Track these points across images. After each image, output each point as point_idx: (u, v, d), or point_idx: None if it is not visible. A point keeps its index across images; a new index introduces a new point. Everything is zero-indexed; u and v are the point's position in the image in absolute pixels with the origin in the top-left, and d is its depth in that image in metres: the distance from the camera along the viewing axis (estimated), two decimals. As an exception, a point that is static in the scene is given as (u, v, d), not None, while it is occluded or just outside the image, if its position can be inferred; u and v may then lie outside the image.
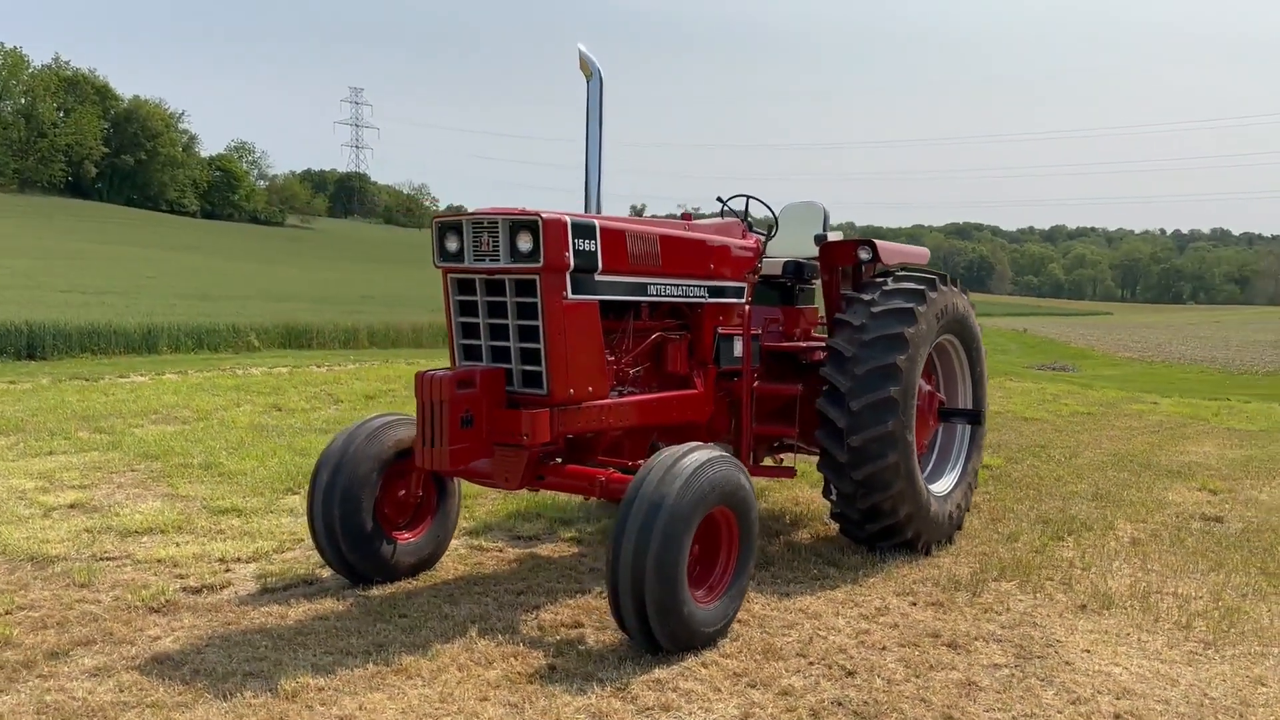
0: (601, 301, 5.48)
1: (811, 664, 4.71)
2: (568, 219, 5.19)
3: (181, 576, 5.88)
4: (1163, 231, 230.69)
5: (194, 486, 8.31)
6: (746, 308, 6.56)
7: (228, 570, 6.05)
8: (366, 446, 5.67)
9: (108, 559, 6.25)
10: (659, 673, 4.52)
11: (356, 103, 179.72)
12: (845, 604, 5.64)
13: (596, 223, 5.41)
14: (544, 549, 6.69)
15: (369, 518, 5.63)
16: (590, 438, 5.72)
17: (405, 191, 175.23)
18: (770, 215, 7.25)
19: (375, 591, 5.67)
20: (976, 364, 7.52)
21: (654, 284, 5.84)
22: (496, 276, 5.25)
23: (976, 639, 5.12)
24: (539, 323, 5.17)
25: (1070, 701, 4.37)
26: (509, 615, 5.29)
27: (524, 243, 5.07)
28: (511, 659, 4.65)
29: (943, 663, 4.79)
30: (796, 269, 7.21)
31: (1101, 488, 9.40)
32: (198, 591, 5.64)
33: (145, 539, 6.73)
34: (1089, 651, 5.01)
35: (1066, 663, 4.83)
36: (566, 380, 5.25)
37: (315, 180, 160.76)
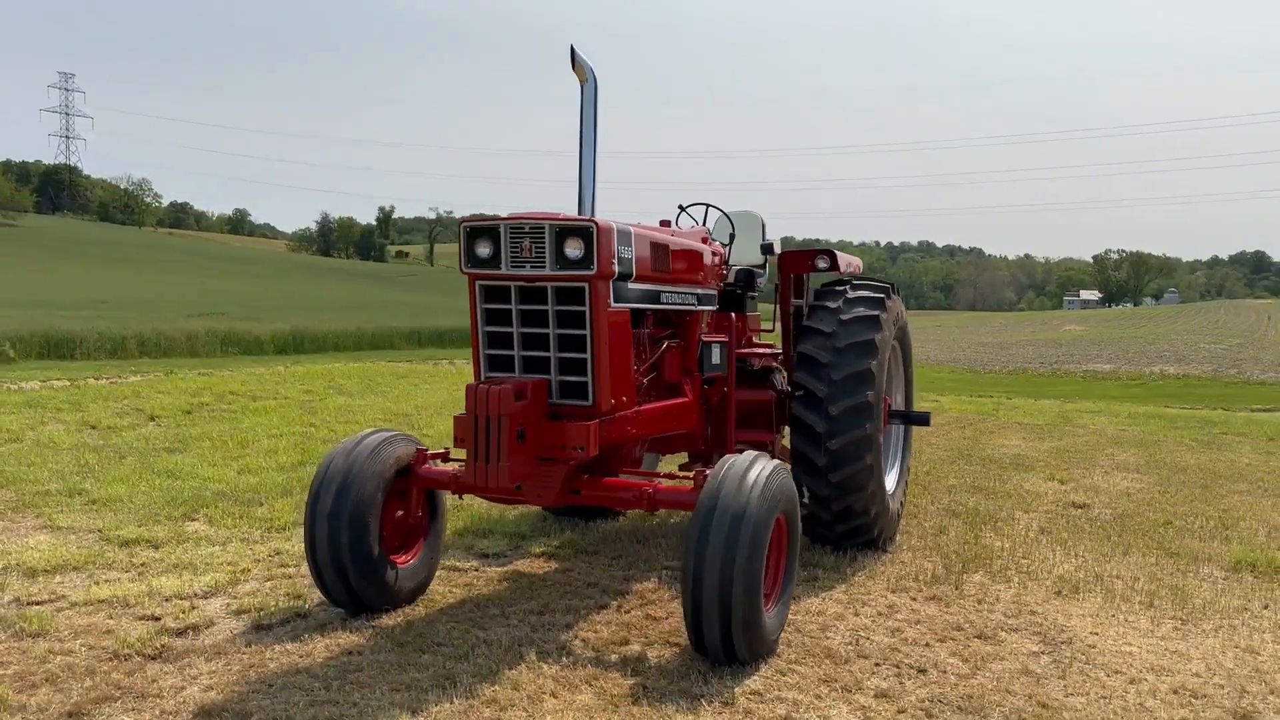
0: (631, 310, 5.39)
1: (878, 665, 4.83)
2: (614, 225, 5.07)
3: (153, 618, 5.25)
4: (877, 244, 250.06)
5: (72, 516, 7.41)
6: (733, 315, 6.62)
7: (193, 608, 5.45)
8: (370, 465, 5.28)
9: (36, 603, 5.49)
10: (751, 684, 4.50)
11: (66, 89, 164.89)
12: (855, 603, 5.81)
13: (632, 230, 5.31)
14: (522, 565, 6.46)
15: (376, 542, 5.25)
16: (615, 449, 5.59)
17: (123, 186, 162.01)
18: (729, 224, 7.34)
19: (386, 621, 5.28)
20: (909, 368, 7.93)
21: (665, 292, 5.79)
22: (537, 284, 5.04)
23: (998, 629, 5.41)
24: (586, 332, 5.01)
25: (1128, 681, 4.72)
26: (550, 636, 5.08)
27: (574, 249, 4.90)
28: (594, 682, 4.48)
29: (988, 654, 5.04)
30: (748, 277, 7.33)
31: (971, 481, 10.12)
32: (182, 634, 5.05)
33: (60, 578, 5.96)
34: (1096, 634, 5.42)
35: (1090, 646, 5.21)
36: (610, 391, 5.12)
37: (18, 172, 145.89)
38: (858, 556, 6.72)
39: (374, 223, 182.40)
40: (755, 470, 4.75)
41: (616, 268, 5.06)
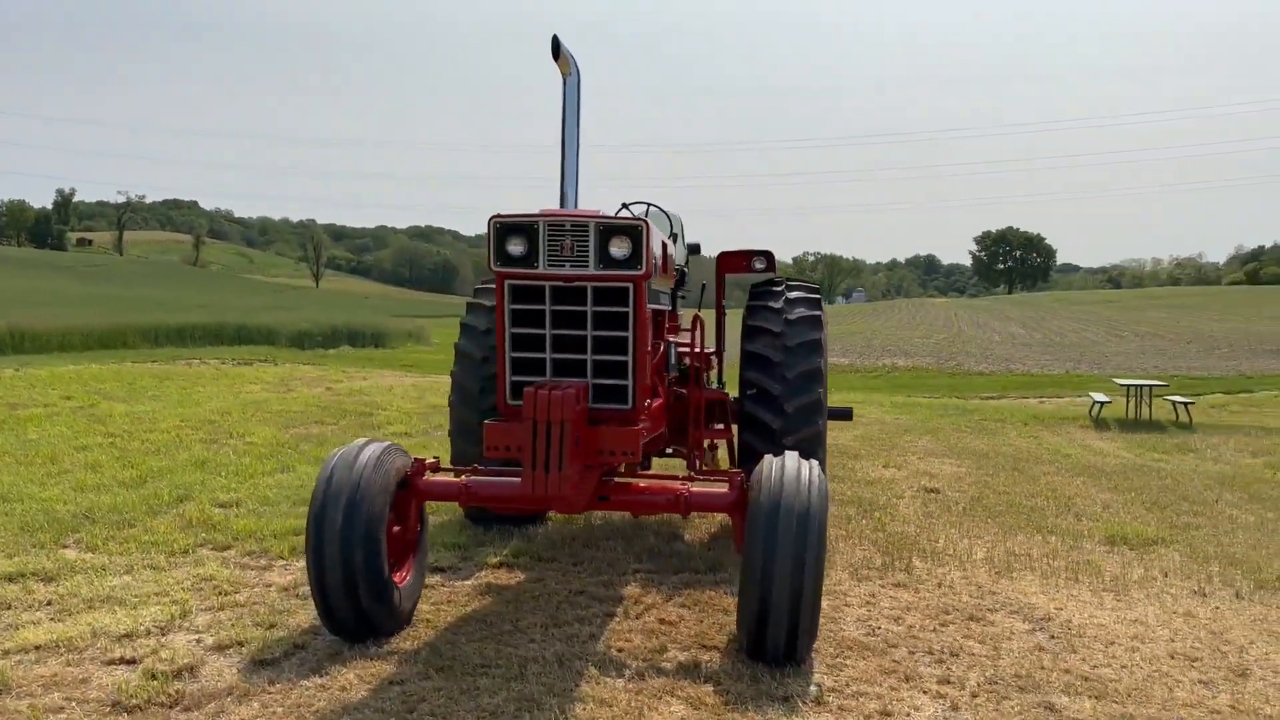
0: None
1: (913, 653, 5.02)
2: (652, 224, 4.96)
3: (126, 662, 4.63)
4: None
5: (-87, 550, 6.32)
6: (697, 315, 6.61)
7: (161, 647, 4.82)
8: (375, 477, 4.88)
9: (-42, 655, 4.67)
10: (828, 680, 4.57)
11: None
12: (836, 595, 5.97)
13: (655, 229, 5.21)
14: (489, 578, 6.16)
15: (385, 561, 4.86)
16: None
17: None
18: (669, 223, 7.33)
19: (401, 645, 4.91)
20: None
21: (661, 292, 5.74)
22: (576, 284, 4.84)
23: (983, 611, 5.76)
24: (628, 334, 4.88)
25: (1129, 650, 5.18)
26: (587, 649, 4.90)
27: (620, 248, 4.76)
28: (676, 692, 4.39)
29: (994, 634, 5.36)
30: (680, 276, 7.36)
31: (828, 472, 10.64)
32: (177, 677, 4.46)
33: (-43, 624, 5.10)
34: (1060, 609, 5.89)
35: (1067, 621, 5.66)
36: (643, 393, 5.02)
37: None
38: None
39: (50, 207, 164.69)
40: (805, 469, 4.81)
41: (653, 268, 4.97)
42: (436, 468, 5.39)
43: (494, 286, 7.12)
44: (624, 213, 7.14)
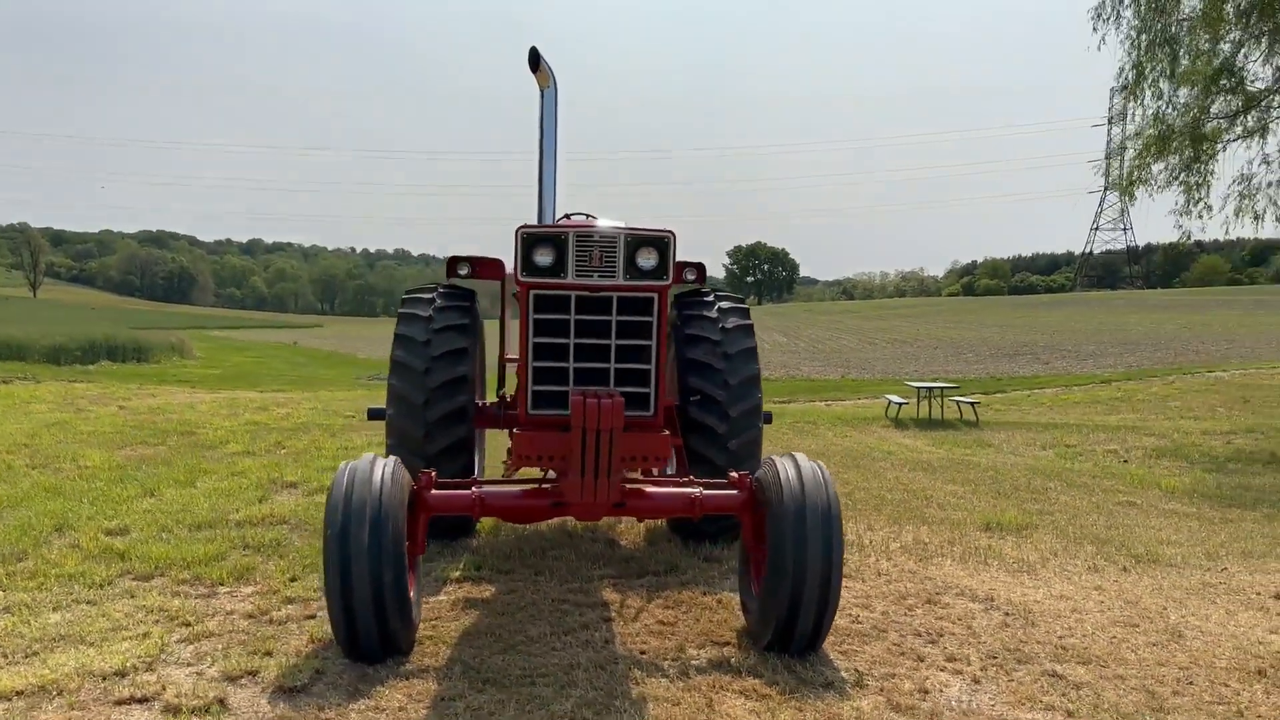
0: None
1: (904, 637, 5.40)
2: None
3: (139, 700, 4.32)
4: (354, 250, 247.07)
5: None
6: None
7: (170, 683, 4.49)
8: (394, 493, 4.76)
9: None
10: (848, 664, 4.86)
11: None
12: (797, 588, 6.31)
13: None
14: (459, 592, 6.07)
15: (408, 578, 4.75)
16: None
17: None
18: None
19: (427, 661, 4.82)
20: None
21: None
22: (602, 294, 4.90)
23: (936, 594, 6.23)
24: (651, 342, 4.99)
25: (1078, 622, 5.77)
26: (615, 653, 4.97)
27: (647, 259, 4.88)
28: (728, 686, 4.55)
29: (958, 615, 5.82)
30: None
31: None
32: (207, 711, 4.20)
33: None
34: (995, 589, 6.45)
35: (1008, 599, 6.21)
36: (663, 400, 5.15)
37: None
38: (728, 548, 7.18)
39: None
40: (817, 470, 5.09)
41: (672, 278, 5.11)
42: (439, 482, 5.29)
43: (425, 295, 7.05)
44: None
